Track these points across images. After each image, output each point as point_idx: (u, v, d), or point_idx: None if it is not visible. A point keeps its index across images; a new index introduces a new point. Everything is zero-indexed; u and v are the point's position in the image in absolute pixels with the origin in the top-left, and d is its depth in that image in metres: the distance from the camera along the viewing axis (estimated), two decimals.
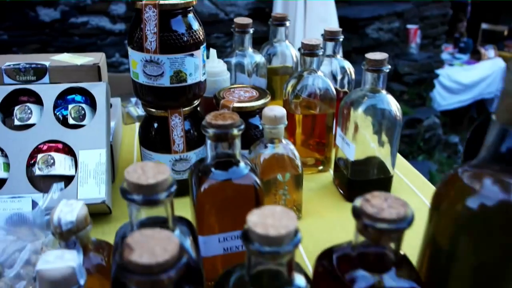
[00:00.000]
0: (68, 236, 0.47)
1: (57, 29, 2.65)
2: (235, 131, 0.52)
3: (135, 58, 0.69)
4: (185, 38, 0.68)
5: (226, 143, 0.53)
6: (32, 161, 0.68)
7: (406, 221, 0.37)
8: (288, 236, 0.35)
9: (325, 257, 0.43)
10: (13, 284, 0.51)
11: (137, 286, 0.33)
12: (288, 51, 0.98)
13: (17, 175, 0.67)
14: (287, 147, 0.71)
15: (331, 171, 0.89)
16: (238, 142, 0.53)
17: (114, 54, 2.80)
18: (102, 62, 0.82)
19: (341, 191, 0.82)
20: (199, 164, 0.57)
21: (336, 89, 0.86)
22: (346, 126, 0.76)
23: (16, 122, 0.72)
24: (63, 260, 0.40)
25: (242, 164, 0.55)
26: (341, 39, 0.90)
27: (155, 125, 0.74)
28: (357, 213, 0.38)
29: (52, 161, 0.68)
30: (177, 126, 0.74)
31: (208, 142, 0.53)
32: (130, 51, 0.70)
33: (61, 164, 0.68)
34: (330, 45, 0.91)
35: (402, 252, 0.41)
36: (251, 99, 0.77)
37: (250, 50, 0.92)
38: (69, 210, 0.47)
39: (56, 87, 0.74)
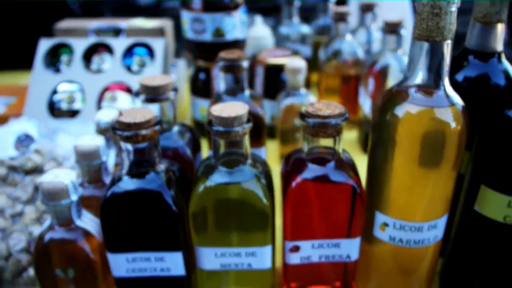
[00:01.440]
0: (104, 132, 0.62)
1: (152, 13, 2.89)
2: (243, 64, 0.65)
3: (185, 17, 0.84)
4: (225, 0, 0.82)
5: (233, 75, 0.66)
6: (102, 97, 0.86)
7: (338, 118, 0.47)
8: (237, 119, 0.47)
9: (287, 158, 0.55)
10: None
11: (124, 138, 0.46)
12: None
13: (90, 107, 0.86)
14: (306, 97, 0.81)
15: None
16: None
17: None
18: (167, 26, 0.98)
19: (361, 146, 0.91)
20: None
21: None
22: (366, 83, 0.85)
23: (94, 67, 0.90)
24: (60, 177, 0.48)
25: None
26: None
27: (201, 75, 0.89)
28: (301, 114, 0.49)
29: (116, 98, 0.85)
30: (218, 76, 0.88)
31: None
32: (182, 11, 0.85)
33: (123, 100, 0.85)
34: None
35: (347, 159, 0.51)
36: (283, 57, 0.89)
37: (296, 21, 1.04)
38: (107, 115, 0.63)
39: (125, 41, 0.92)
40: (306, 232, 0.52)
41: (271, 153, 0.87)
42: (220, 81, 0.67)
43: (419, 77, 0.45)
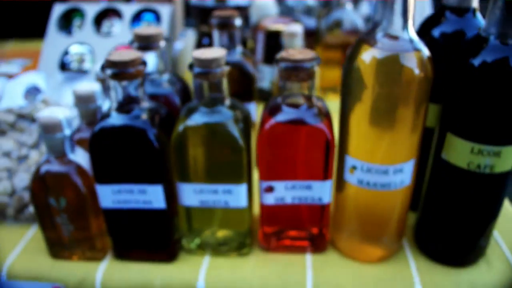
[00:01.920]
0: (102, 81, 0.67)
1: None
2: (236, 22, 0.69)
3: None
4: None
5: (226, 32, 0.70)
6: None
7: (309, 62, 0.50)
8: (215, 61, 0.51)
9: (266, 104, 0.58)
10: None
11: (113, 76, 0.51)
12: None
13: (98, 68, 0.90)
14: None
15: None
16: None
17: None
18: None
19: None
20: None
21: None
22: None
23: (104, 30, 0.95)
24: (56, 113, 0.53)
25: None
26: None
27: (204, 40, 0.93)
28: (275, 59, 0.52)
29: None
30: (215, 42, 0.91)
31: None
32: None
33: None
34: None
35: (321, 105, 0.55)
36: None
37: None
38: None
39: (134, 7, 0.96)
40: (279, 173, 0.55)
41: None
42: (214, 39, 0.70)
43: (385, 25, 0.48)
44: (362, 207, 0.57)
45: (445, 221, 0.57)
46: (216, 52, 0.52)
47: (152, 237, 0.58)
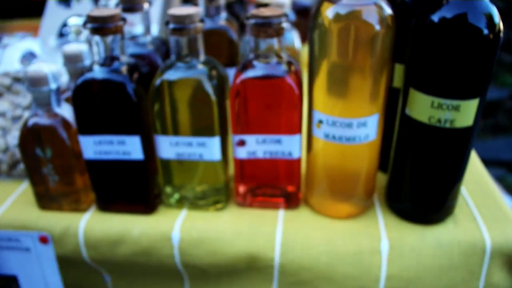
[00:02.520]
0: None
1: None
2: None
3: None
4: None
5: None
6: None
7: (277, 18, 0.53)
8: (189, 17, 0.54)
9: (242, 63, 0.61)
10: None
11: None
12: None
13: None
14: (289, 34, 0.87)
15: None
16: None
17: None
18: None
19: None
20: None
21: None
22: None
23: (102, 3, 0.99)
24: (43, 68, 0.57)
25: None
26: None
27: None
28: (246, 16, 0.55)
29: None
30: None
31: None
32: None
33: None
34: None
35: (291, 61, 0.57)
36: None
37: None
38: None
39: None
40: (250, 127, 0.58)
41: None
42: (199, 4, 0.73)
43: None
44: (330, 163, 0.59)
45: (412, 179, 0.59)
46: (190, 9, 0.55)
47: (132, 189, 0.61)
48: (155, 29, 0.88)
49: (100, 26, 0.54)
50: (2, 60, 0.79)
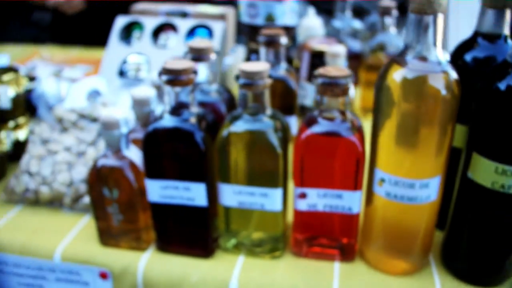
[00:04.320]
0: (157, 88, 0.73)
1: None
2: (281, 40, 0.74)
3: (242, 2, 0.95)
4: None
5: (272, 49, 0.75)
6: None
7: (344, 79, 0.55)
8: (258, 74, 0.56)
9: (305, 117, 0.62)
10: None
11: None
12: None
13: (154, 76, 0.98)
14: None
15: None
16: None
17: None
18: (229, 14, 1.09)
19: None
20: None
21: None
22: None
23: (160, 43, 1.03)
24: (116, 113, 0.60)
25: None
26: None
27: (252, 56, 0.99)
28: (313, 75, 0.57)
29: None
30: (261, 58, 0.97)
31: None
32: None
33: None
34: None
35: (355, 119, 0.59)
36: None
37: (349, 15, 1.11)
38: None
39: (189, 23, 1.04)
40: (312, 180, 0.59)
41: None
42: (261, 55, 0.76)
43: (415, 47, 0.52)
44: (389, 220, 0.60)
45: (470, 240, 0.59)
46: (260, 65, 0.57)
47: (192, 233, 0.63)
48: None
49: (173, 78, 0.57)
50: (68, 96, 0.83)
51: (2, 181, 0.82)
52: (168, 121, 0.58)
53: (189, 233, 0.63)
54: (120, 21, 1.06)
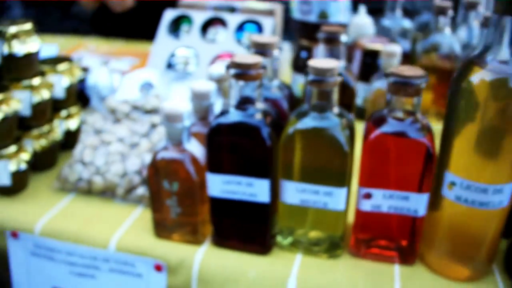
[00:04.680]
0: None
1: None
2: (341, 38, 0.73)
3: None
4: None
5: (331, 47, 0.74)
6: (213, 63, 0.98)
7: (418, 79, 0.53)
8: (329, 71, 0.55)
9: (371, 115, 0.61)
10: None
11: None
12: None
13: (202, 71, 0.97)
14: None
15: None
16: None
17: None
18: (277, 9, 1.08)
19: None
20: None
21: None
22: None
23: (209, 37, 1.02)
24: (179, 106, 0.59)
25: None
26: None
27: (303, 53, 0.98)
28: (386, 74, 0.55)
29: None
30: (318, 55, 0.95)
31: None
32: None
33: (216, 67, 0.96)
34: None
35: (424, 120, 0.57)
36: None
37: (399, 14, 1.09)
38: (218, 68, 0.73)
39: (238, 18, 1.03)
40: (379, 181, 0.58)
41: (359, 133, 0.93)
42: (319, 53, 0.74)
43: (496, 49, 0.50)
44: (456, 225, 0.58)
45: None
46: (330, 63, 0.56)
47: (251, 229, 0.62)
48: None
49: (242, 72, 0.56)
50: (121, 87, 0.83)
51: (53, 169, 0.83)
52: (234, 116, 0.58)
53: (248, 229, 0.63)
54: (169, 15, 1.06)
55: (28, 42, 0.73)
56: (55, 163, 0.83)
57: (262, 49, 0.65)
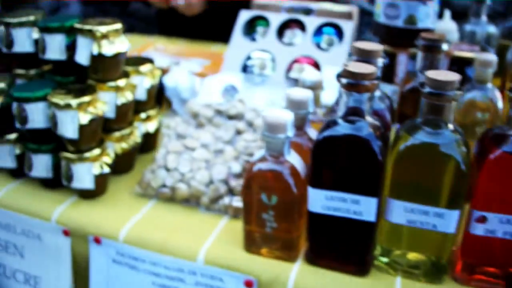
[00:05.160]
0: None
1: None
2: (443, 46, 0.68)
3: (380, 1, 0.89)
4: None
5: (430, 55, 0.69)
6: (290, 67, 0.95)
7: None
8: (449, 84, 0.51)
9: (483, 133, 0.57)
10: None
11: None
12: None
13: (279, 75, 0.94)
14: (492, 92, 0.81)
15: None
16: None
17: None
18: (354, 12, 1.04)
19: None
20: None
21: None
22: None
23: (286, 40, 0.99)
24: (282, 115, 0.56)
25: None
26: None
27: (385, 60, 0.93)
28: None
29: (303, 70, 0.93)
30: (402, 62, 0.91)
31: None
32: None
33: (310, 73, 0.92)
34: None
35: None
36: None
37: (484, 20, 1.03)
38: (311, 74, 0.70)
39: (317, 20, 0.99)
40: (496, 204, 0.54)
41: None
42: (418, 61, 0.70)
43: None
44: None
45: None
46: (450, 75, 0.52)
47: (351, 248, 0.59)
48: None
49: (356, 82, 0.52)
50: (202, 90, 0.80)
51: (130, 172, 0.81)
52: (342, 128, 0.54)
53: (347, 247, 0.59)
54: (244, 15, 1.03)
55: (116, 43, 0.72)
56: (133, 167, 0.82)
57: (366, 57, 0.61)
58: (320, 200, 0.57)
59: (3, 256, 0.78)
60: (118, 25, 0.72)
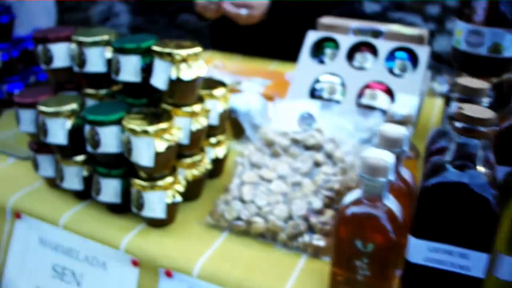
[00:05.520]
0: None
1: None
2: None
3: (461, 28, 0.84)
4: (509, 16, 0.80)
5: None
6: (362, 93, 0.90)
7: None
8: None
9: None
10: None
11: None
12: None
13: (349, 100, 0.90)
14: None
15: None
16: None
17: None
18: (425, 35, 0.99)
19: None
20: None
21: None
22: None
23: (356, 64, 0.95)
24: (383, 156, 0.52)
25: None
26: None
27: None
28: None
29: (376, 96, 0.89)
30: None
31: None
32: (457, 22, 0.85)
33: (382, 99, 0.88)
34: None
35: None
36: None
37: None
38: (402, 108, 0.66)
39: (390, 44, 0.95)
40: None
41: None
42: None
43: None
44: None
45: None
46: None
47: None
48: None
49: (470, 127, 0.48)
50: (276, 117, 0.77)
51: (198, 200, 0.78)
52: (453, 175, 0.50)
53: None
54: (312, 36, 0.99)
55: (194, 67, 0.69)
56: (200, 194, 0.79)
57: (471, 96, 0.57)
58: (422, 251, 0.53)
59: (56, 284, 0.75)
60: (198, 49, 0.69)
